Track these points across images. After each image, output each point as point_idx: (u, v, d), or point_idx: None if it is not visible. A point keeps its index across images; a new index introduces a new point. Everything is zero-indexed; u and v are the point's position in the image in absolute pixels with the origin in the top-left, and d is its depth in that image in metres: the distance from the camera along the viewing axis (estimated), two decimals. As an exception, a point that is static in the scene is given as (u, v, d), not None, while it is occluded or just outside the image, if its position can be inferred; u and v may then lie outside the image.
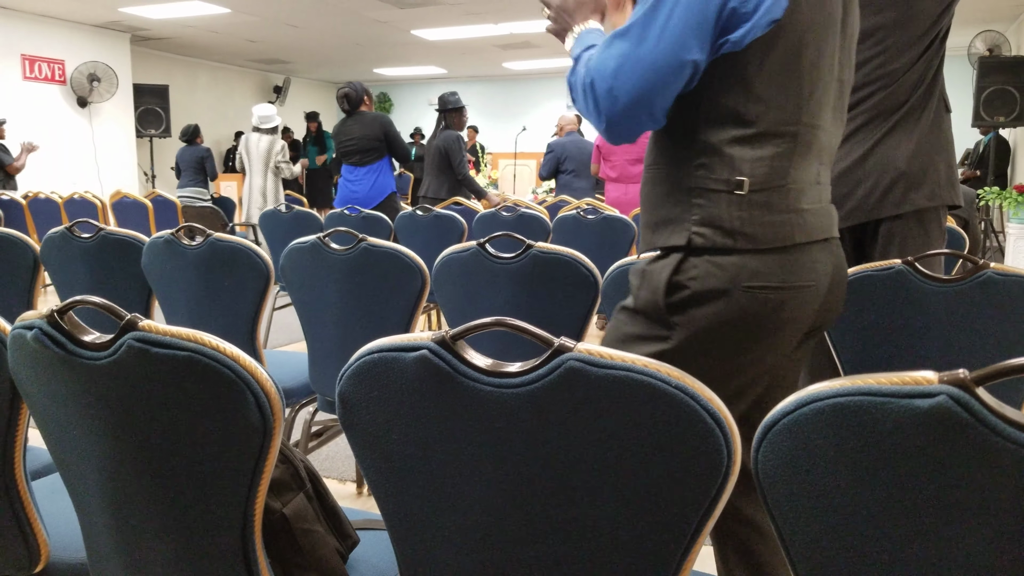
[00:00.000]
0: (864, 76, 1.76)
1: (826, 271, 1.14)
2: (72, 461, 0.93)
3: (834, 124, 1.18)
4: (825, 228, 1.15)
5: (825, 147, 1.16)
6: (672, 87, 1.08)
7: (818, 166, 1.15)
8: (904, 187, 1.75)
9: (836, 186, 1.78)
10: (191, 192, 6.49)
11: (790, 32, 1.08)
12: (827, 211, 1.17)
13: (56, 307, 0.84)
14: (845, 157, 1.78)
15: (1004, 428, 0.53)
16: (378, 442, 0.83)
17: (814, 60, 1.10)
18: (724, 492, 0.69)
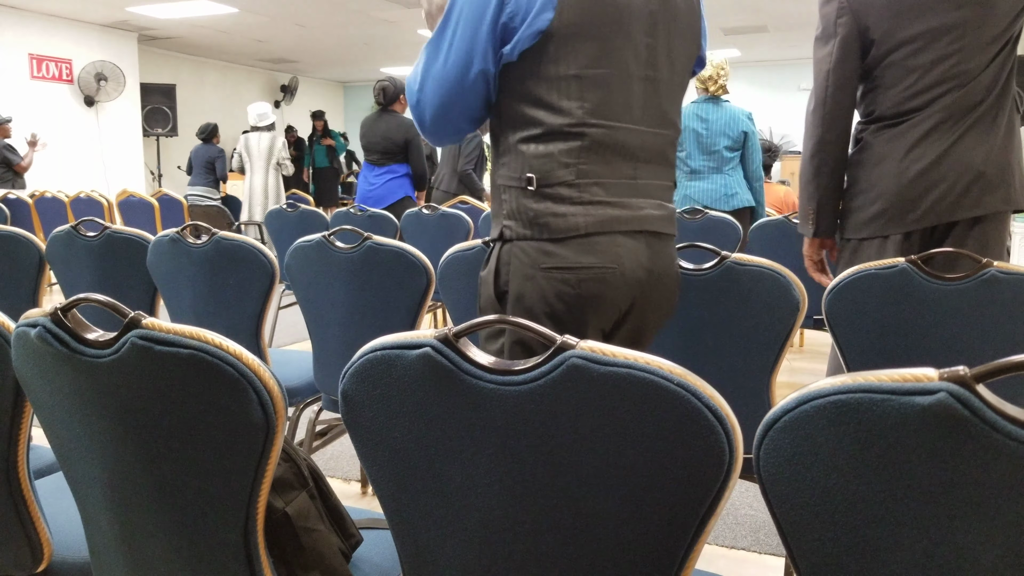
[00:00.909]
0: (939, 74, 1.70)
1: (636, 260, 1.21)
2: (75, 459, 0.93)
3: (652, 122, 1.23)
4: (637, 221, 1.21)
5: (639, 146, 1.22)
6: (469, 97, 1.20)
7: (632, 164, 1.22)
8: (980, 189, 1.70)
9: (910, 188, 1.74)
10: (201, 191, 6.51)
11: (561, 40, 1.15)
12: (641, 206, 1.23)
13: (60, 305, 0.85)
14: (919, 159, 1.73)
15: (1004, 425, 0.53)
16: (381, 440, 0.83)
17: (597, 63, 1.17)
18: (726, 490, 0.69)
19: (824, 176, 1.85)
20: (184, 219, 5.64)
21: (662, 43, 1.22)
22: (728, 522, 2.17)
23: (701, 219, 3.05)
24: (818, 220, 1.89)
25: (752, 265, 1.50)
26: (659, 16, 1.21)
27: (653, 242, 1.24)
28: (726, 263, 1.52)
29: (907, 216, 1.75)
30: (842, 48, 1.78)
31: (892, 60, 1.75)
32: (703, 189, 3.68)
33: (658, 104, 1.23)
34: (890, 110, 1.78)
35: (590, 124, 1.18)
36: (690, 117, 3.69)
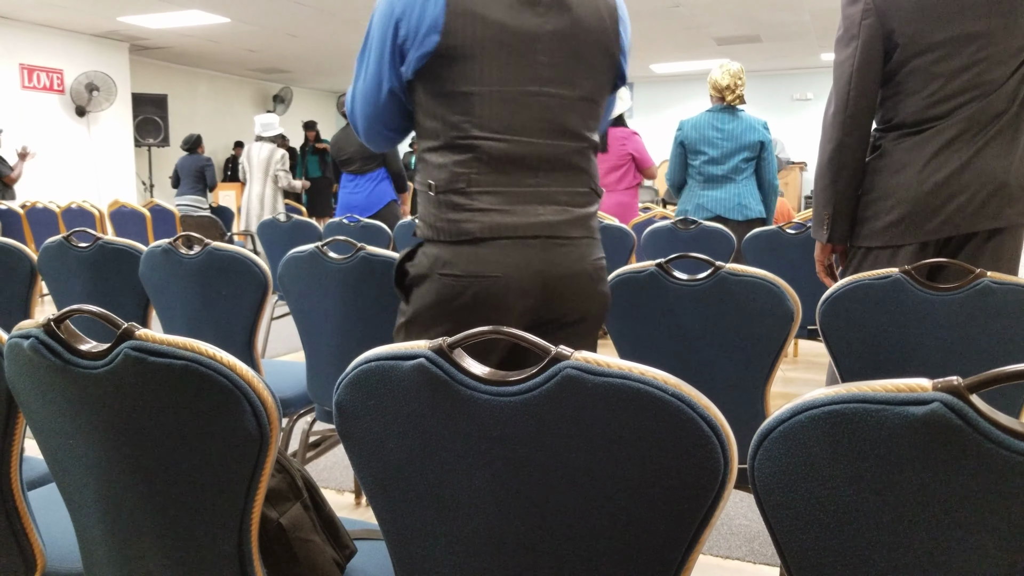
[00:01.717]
0: (962, 83, 1.69)
1: (527, 267, 1.30)
2: (68, 471, 0.92)
3: (549, 135, 1.31)
4: (528, 228, 1.30)
5: (537, 156, 1.31)
6: (385, 112, 1.36)
7: (533, 173, 1.31)
8: (1000, 201, 1.69)
9: (930, 198, 1.72)
10: (190, 200, 6.49)
11: (448, 61, 1.26)
12: (538, 212, 1.31)
13: (53, 316, 0.84)
14: (940, 169, 1.71)
15: (998, 435, 0.53)
16: (375, 451, 0.83)
17: (484, 81, 1.27)
18: (721, 500, 0.69)
19: (843, 182, 1.82)
20: (176, 229, 5.63)
21: (561, 61, 1.31)
22: (723, 532, 2.17)
23: (694, 229, 3.06)
24: (833, 226, 1.86)
25: (746, 275, 1.51)
26: (557, 37, 1.30)
27: (550, 246, 1.32)
28: (720, 273, 1.53)
29: (925, 226, 1.73)
30: (866, 50, 1.74)
31: (916, 66, 1.72)
32: (716, 198, 3.67)
33: (555, 118, 1.32)
34: (911, 117, 1.75)
35: (479, 137, 1.28)
36: (706, 126, 3.67)
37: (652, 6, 7.02)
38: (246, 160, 6.10)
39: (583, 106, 1.35)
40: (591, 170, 1.40)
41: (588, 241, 1.38)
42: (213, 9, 7.23)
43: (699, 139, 3.67)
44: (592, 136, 1.39)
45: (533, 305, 1.34)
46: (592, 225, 1.40)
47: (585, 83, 1.34)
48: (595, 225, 1.41)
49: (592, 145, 1.40)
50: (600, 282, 1.41)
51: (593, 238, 1.40)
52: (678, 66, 10.28)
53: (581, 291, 1.37)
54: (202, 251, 1.91)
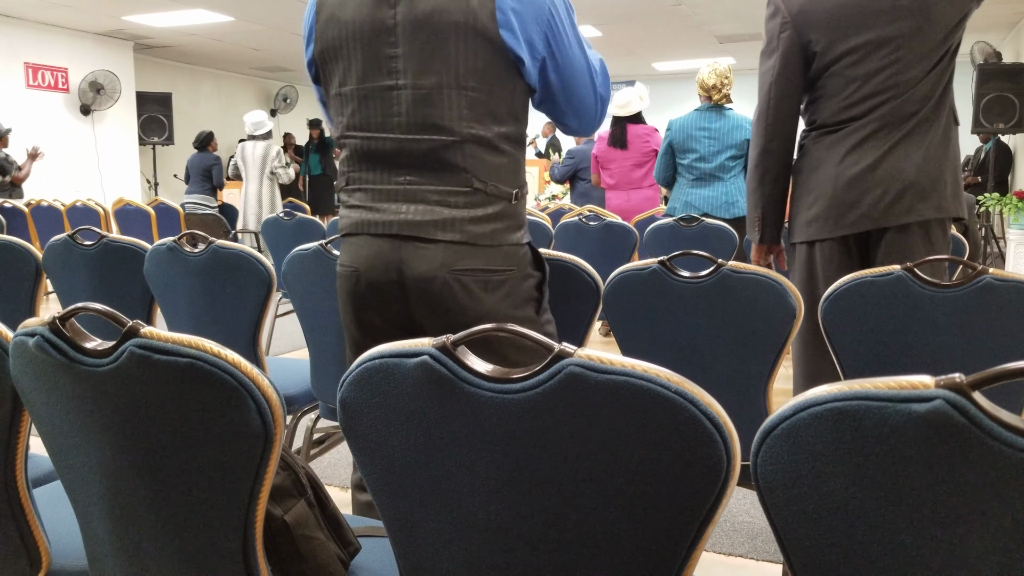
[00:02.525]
0: (877, 84, 1.76)
1: (382, 262, 1.30)
2: (73, 468, 0.93)
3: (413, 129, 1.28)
4: (386, 225, 1.30)
5: (402, 152, 1.29)
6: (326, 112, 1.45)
7: (402, 171, 1.30)
8: (912, 198, 1.75)
9: (845, 192, 1.79)
10: (198, 199, 6.50)
11: (322, 66, 1.35)
12: (399, 210, 1.30)
13: (58, 314, 0.85)
14: (854, 165, 1.79)
15: (1000, 432, 0.53)
16: (379, 448, 0.83)
17: (343, 81, 1.32)
18: (724, 497, 0.69)
19: (768, 184, 1.92)
20: (180, 227, 5.64)
21: (415, 51, 1.25)
22: (726, 529, 2.17)
23: (697, 227, 3.06)
24: (763, 227, 1.96)
25: (748, 272, 1.51)
26: (409, 26, 1.25)
27: (406, 245, 1.29)
28: (722, 271, 1.53)
29: (842, 220, 1.81)
30: (784, 60, 1.85)
31: (834, 71, 1.82)
32: (704, 196, 3.70)
33: (413, 112, 1.27)
34: (831, 118, 1.84)
35: (349, 136, 1.33)
36: (692, 127, 3.71)
37: (654, 5, 7.01)
38: (240, 159, 6.10)
39: (448, 96, 1.25)
40: (476, 168, 1.28)
41: (459, 247, 1.27)
42: (217, 8, 7.24)
43: (686, 138, 3.71)
44: (473, 129, 1.27)
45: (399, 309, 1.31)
46: (470, 230, 1.28)
47: (446, 71, 1.25)
48: (479, 230, 1.28)
49: (476, 139, 1.27)
50: (467, 295, 1.27)
51: (467, 244, 1.27)
52: (680, 64, 10.27)
53: (436, 298, 1.27)
54: (206, 249, 1.91)
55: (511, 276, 1.32)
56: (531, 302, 1.37)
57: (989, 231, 6.89)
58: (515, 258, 1.33)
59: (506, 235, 1.32)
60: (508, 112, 1.30)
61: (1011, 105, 6.57)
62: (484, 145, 1.29)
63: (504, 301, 1.31)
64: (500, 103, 1.29)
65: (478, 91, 1.26)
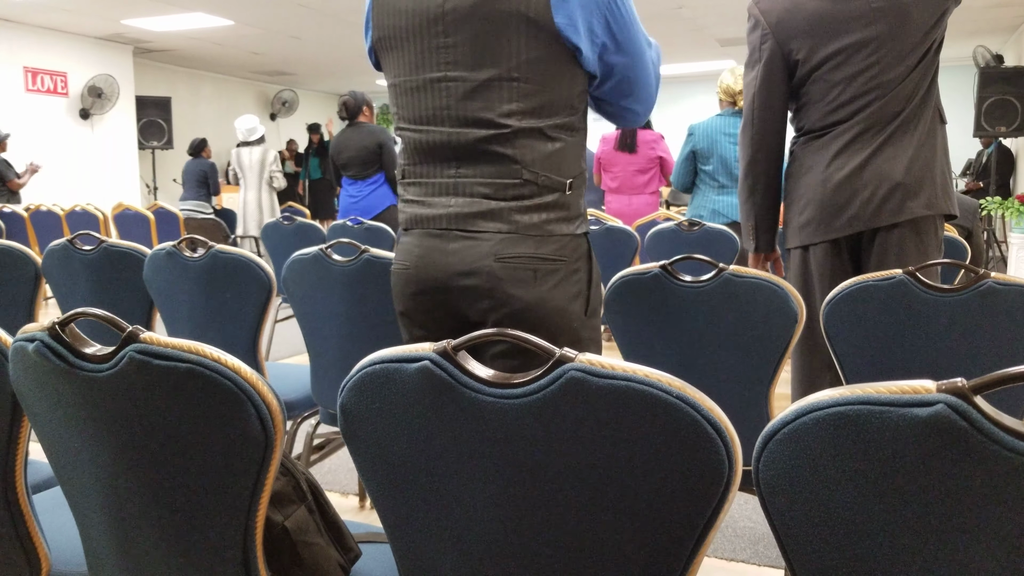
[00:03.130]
0: (860, 87, 1.80)
1: (432, 259, 1.28)
2: (73, 474, 0.93)
3: (459, 122, 1.25)
4: (436, 220, 1.28)
5: (451, 145, 1.26)
6: None
7: (453, 164, 1.27)
8: (901, 196, 1.77)
9: (834, 195, 1.81)
10: (193, 205, 6.50)
11: (382, 55, 1.32)
12: (448, 204, 1.27)
13: (58, 319, 0.85)
14: (843, 167, 1.81)
15: (1002, 436, 0.53)
16: (380, 454, 0.83)
17: (397, 72, 1.29)
18: (726, 502, 0.69)
19: (758, 194, 1.95)
20: (180, 232, 5.64)
21: (466, 41, 1.21)
22: (727, 534, 2.17)
23: (698, 231, 3.06)
24: (757, 236, 1.99)
25: (750, 277, 1.51)
26: (459, 14, 1.20)
27: (455, 238, 1.26)
28: (724, 275, 1.52)
29: (833, 223, 1.83)
30: (766, 70, 1.88)
31: (816, 77, 1.85)
32: (730, 203, 3.65)
33: (459, 104, 1.23)
34: (817, 123, 1.87)
35: (404, 128, 1.31)
36: (716, 132, 3.66)
37: (655, 8, 7.03)
38: (237, 165, 6.10)
39: (497, 87, 1.21)
40: (526, 158, 1.24)
41: (504, 237, 1.24)
42: (217, 12, 7.25)
43: (711, 144, 3.66)
44: (524, 122, 1.22)
45: (451, 305, 1.28)
46: (518, 219, 1.24)
47: (498, 62, 1.20)
48: (527, 220, 1.24)
49: (528, 130, 1.23)
50: (513, 283, 1.23)
51: (516, 233, 1.24)
52: (682, 67, 10.28)
53: (479, 289, 1.24)
54: (206, 254, 1.91)
55: (561, 267, 1.27)
56: (580, 298, 1.31)
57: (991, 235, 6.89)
58: (567, 249, 1.27)
59: (559, 225, 1.26)
60: (564, 102, 1.25)
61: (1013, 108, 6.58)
62: (536, 135, 1.24)
63: (554, 291, 1.26)
64: (556, 93, 1.24)
65: (532, 82, 1.21)
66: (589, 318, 1.33)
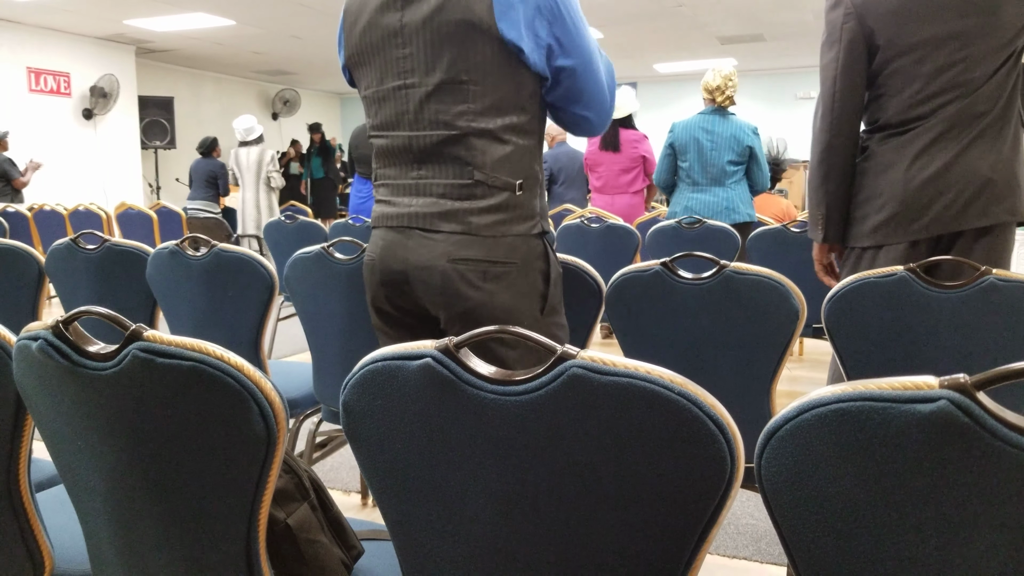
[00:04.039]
0: (943, 83, 1.70)
1: (394, 253, 1.36)
2: (76, 472, 0.93)
3: (424, 126, 1.33)
4: (400, 218, 1.36)
5: (416, 148, 1.34)
6: None
7: (417, 166, 1.35)
8: (987, 199, 1.70)
9: (917, 195, 1.74)
10: (200, 204, 6.50)
11: (353, 70, 1.42)
12: (411, 204, 1.36)
13: (61, 318, 0.85)
14: (926, 167, 1.73)
15: (1005, 432, 0.53)
16: (382, 451, 0.83)
17: (367, 85, 1.39)
18: (728, 499, 0.69)
19: (832, 182, 1.85)
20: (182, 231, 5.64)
21: (420, 50, 1.30)
22: (730, 532, 2.17)
23: (699, 228, 3.06)
24: (827, 226, 1.89)
25: (751, 274, 1.51)
26: (415, 26, 1.29)
27: (414, 236, 1.34)
28: (725, 272, 1.52)
29: (913, 224, 1.75)
30: (848, 53, 1.77)
31: (897, 67, 1.75)
32: (704, 201, 3.68)
33: (419, 108, 1.32)
34: (895, 117, 1.78)
35: (374, 135, 1.41)
36: (694, 129, 3.68)
37: (655, 6, 7.02)
38: (235, 165, 6.10)
39: (451, 91, 1.29)
40: (477, 160, 1.30)
41: (459, 238, 1.31)
42: (218, 12, 7.25)
43: (688, 141, 3.69)
44: (475, 123, 1.29)
45: (408, 297, 1.37)
46: (472, 221, 1.31)
47: (449, 68, 1.28)
48: (480, 221, 1.31)
49: (478, 131, 1.30)
50: (465, 284, 1.30)
51: (469, 235, 1.30)
52: (682, 65, 10.27)
53: (432, 286, 1.32)
54: (209, 252, 1.91)
55: (512, 268, 1.33)
56: (535, 297, 1.37)
57: None
58: (519, 250, 1.33)
59: (510, 226, 1.32)
60: (513, 104, 1.31)
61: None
62: (487, 137, 1.30)
63: (505, 292, 1.33)
64: (504, 95, 1.30)
65: (479, 84, 1.28)
66: (547, 316, 1.39)
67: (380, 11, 1.33)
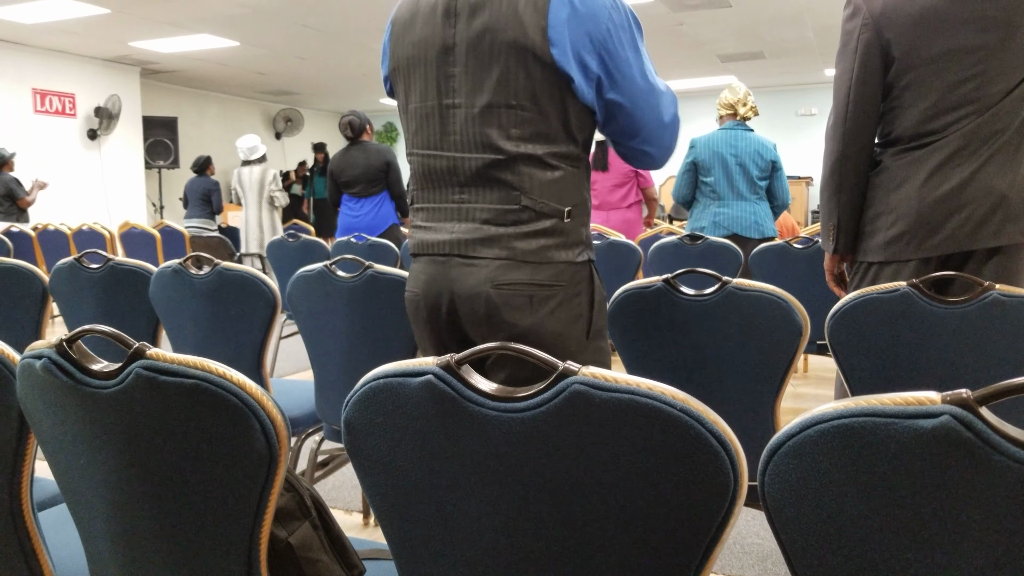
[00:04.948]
0: (960, 97, 1.69)
1: (436, 284, 1.32)
2: (79, 490, 0.93)
3: (467, 147, 1.28)
4: (442, 246, 1.32)
5: (458, 170, 1.30)
6: None
7: (458, 189, 1.31)
8: (1002, 218, 1.68)
9: (932, 211, 1.72)
10: (197, 223, 6.54)
11: (395, 83, 1.38)
12: (453, 230, 1.31)
13: (65, 336, 0.85)
14: (941, 184, 1.71)
15: (1007, 447, 0.53)
16: (383, 469, 0.83)
17: (408, 100, 1.35)
18: (731, 517, 0.68)
19: (845, 193, 1.83)
20: (186, 250, 5.66)
21: (471, 71, 1.27)
22: (735, 551, 2.15)
23: (701, 245, 3.06)
24: (838, 236, 1.87)
25: (753, 290, 1.51)
26: (467, 45, 1.26)
27: (456, 264, 1.30)
28: (727, 288, 1.52)
29: (926, 242, 1.73)
30: (864, 64, 1.75)
31: (912, 79, 1.73)
32: (732, 216, 3.68)
33: (467, 130, 1.28)
34: (909, 131, 1.76)
35: (413, 154, 1.36)
36: (718, 144, 3.70)
37: (656, 24, 7.07)
38: (238, 185, 6.14)
39: (497, 115, 1.26)
40: (525, 185, 1.28)
41: (502, 263, 1.27)
42: (223, 33, 7.32)
43: (713, 156, 3.70)
44: (522, 148, 1.27)
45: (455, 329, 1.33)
46: (516, 246, 1.28)
47: (497, 90, 1.25)
48: (525, 246, 1.28)
49: (527, 157, 1.27)
50: (510, 309, 1.27)
51: (513, 260, 1.27)
52: (683, 83, 10.33)
53: (478, 315, 1.28)
54: (212, 271, 1.92)
55: (559, 292, 1.29)
56: (580, 321, 1.33)
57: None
58: (565, 275, 1.30)
59: (557, 252, 1.29)
60: (562, 131, 1.28)
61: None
62: (535, 163, 1.28)
63: (550, 317, 1.29)
64: (553, 122, 1.27)
65: (528, 110, 1.26)
66: (592, 340, 1.35)
67: (433, 25, 1.29)
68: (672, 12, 6.66)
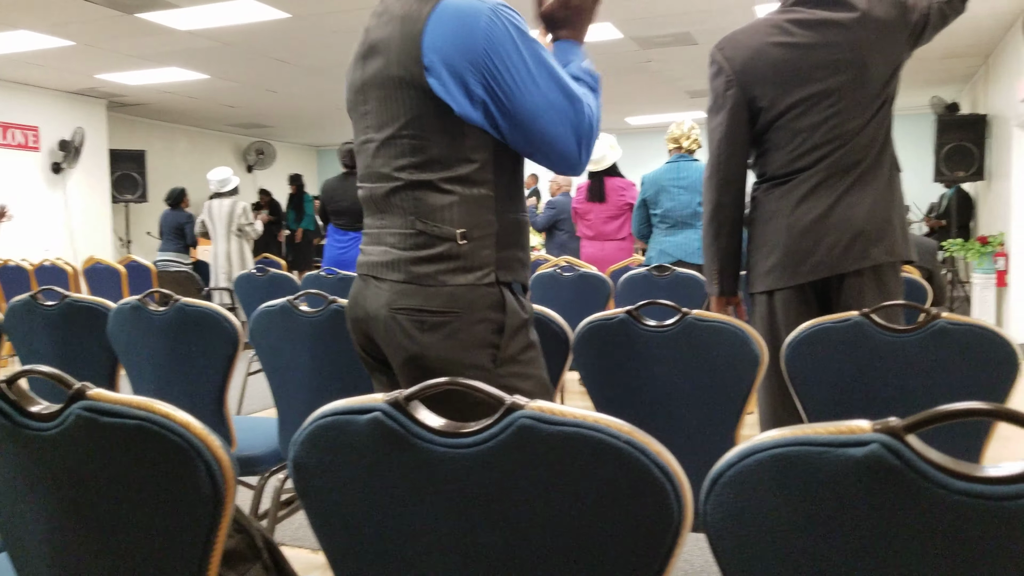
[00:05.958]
0: (823, 135, 1.83)
1: (357, 301, 1.41)
2: (19, 537, 0.90)
3: (377, 178, 1.38)
4: (364, 267, 1.41)
5: (375, 198, 1.39)
6: None
7: (378, 216, 1.40)
8: (864, 243, 1.80)
9: (800, 241, 1.84)
10: (170, 256, 6.46)
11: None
12: (371, 252, 1.40)
13: (4, 378, 0.83)
14: (807, 214, 1.84)
15: (935, 475, 0.54)
16: (333, 509, 0.82)
17: (355, 132, 1.44)
18: (676, 547, 0.68)
19: (723, 238, 1.97)
20: (152, 285, 5.58)
21: (376, 107, 1.36)
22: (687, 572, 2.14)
23: (669, 276, 3.09)
24: (721, 280, 2.00)
25: (712, 321, 1.53)
26: (371, 83, 1.36)
27: (369, 284, 1.38)
28: (687, 319, 1.54)
29: (799, 268, 1.85)
30: (731, 118, 1.90)
31: (779, 124, 1.88)
32: (676, 243, 3.87)
33: (372, 162, 1.39)
34: (780, 170, 1.90)
35: (360, 184, 1.45)
36: (662, 178, 3.93)
37: (626, 62, 7.21)
38: (208, 217, 6.10)
39: (392, 145, 1.33)
40: (419, 210, 1.31)
41: (401, 287, 1.31)
42: (191, 66, 7.32)
43: (659, 191, 3.94)
44: (415, 175, 1.30)
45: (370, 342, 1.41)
46: (413, 270, 1.30)
47: (393, 122, 1.32)
48: (420, 271, 1.30)
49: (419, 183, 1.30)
50: (403, 334, 1.30)
51: (410, 283, 1.30)
52: (652, 118, 10.50)
53: (382, 335, 1.36)
54: (171, 307, 1.89)
55: (453, 319, 1.29)
56: (484, 348, 1.31)
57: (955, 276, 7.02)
58: (461, 301, 1.29)
59: (452, 276, 1.29)
60: (455, 156, 1.30)
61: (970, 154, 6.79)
62: (429, 188, 1.31)
63: (443, 343, 1.29)
64: (444, 148, 1.29)
65: (419, 138, 1.31)
66: (501, 366, 1.32)
67: (351, 70, 1.42)
68: (641, 49, 6.80)
